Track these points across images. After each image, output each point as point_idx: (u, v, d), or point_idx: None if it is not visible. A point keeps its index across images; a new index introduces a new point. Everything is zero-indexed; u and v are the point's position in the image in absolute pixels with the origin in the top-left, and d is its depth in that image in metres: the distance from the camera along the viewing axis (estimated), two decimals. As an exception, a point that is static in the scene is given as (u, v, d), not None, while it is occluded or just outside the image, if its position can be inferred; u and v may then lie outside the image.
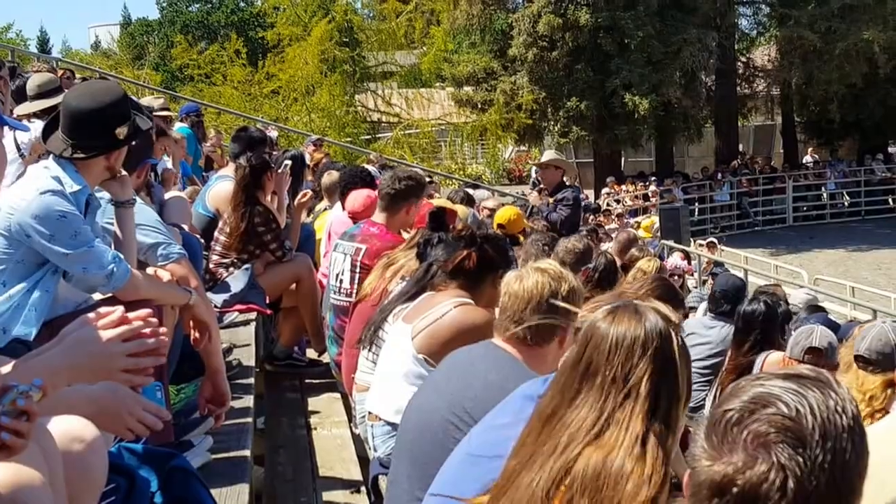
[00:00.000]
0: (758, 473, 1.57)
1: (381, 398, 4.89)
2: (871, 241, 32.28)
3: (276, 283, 7.30)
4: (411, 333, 4.75)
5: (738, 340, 6.76)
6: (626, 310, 2.49)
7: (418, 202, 6.92)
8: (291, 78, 32.17)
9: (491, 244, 5.01)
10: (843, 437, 1.58)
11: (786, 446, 1.56)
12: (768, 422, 1.60)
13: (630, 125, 33.55)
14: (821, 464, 1.55)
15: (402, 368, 4.74)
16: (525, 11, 34.45)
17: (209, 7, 67.81)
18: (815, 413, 1.59)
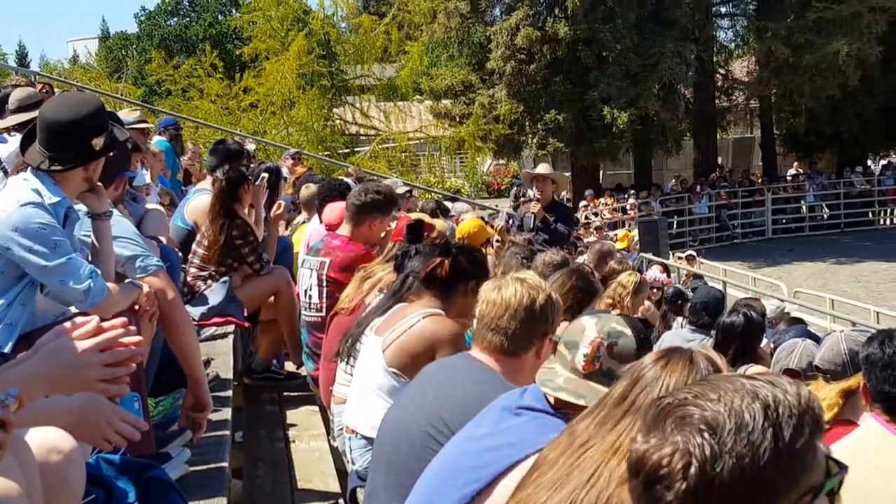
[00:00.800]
0: (664, 454, 1.59)
1: (357, 412, 4.90)
2: (851, 254, 32.43)
3: (254, 295, 7.30)
4: (382, 346, 4.76)
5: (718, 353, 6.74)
6: (680, 357, 2.48)
7: (384, 218, 6.90)
8: (269, 92, 32.13)
9: (465, 254, 5.03)
10: (763, 430, 1.58)
11: (696, 432, 1.58)
12: (691, 406, 1.62)
13: (608, 138, 33.59)
14: (728, 452, 1.55)
15: (374, 382, 4.76)
16: (503, 24, 34.51)
17: (187, 21, 67.79)
18: (735, 403, 1.60)
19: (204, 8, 67.73)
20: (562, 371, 3.10)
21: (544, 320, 3.70)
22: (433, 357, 4.65)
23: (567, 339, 3.16)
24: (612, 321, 3.15)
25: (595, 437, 2.42)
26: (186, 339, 4.52)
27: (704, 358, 2.47)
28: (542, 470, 2.46)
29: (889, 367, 4.26)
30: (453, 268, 4.93)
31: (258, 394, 7.56)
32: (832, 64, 32.88)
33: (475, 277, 4.95)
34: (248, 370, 7.77)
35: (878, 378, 4.30)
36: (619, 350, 3.06)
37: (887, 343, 4.32)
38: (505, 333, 3.70)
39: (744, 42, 41.61)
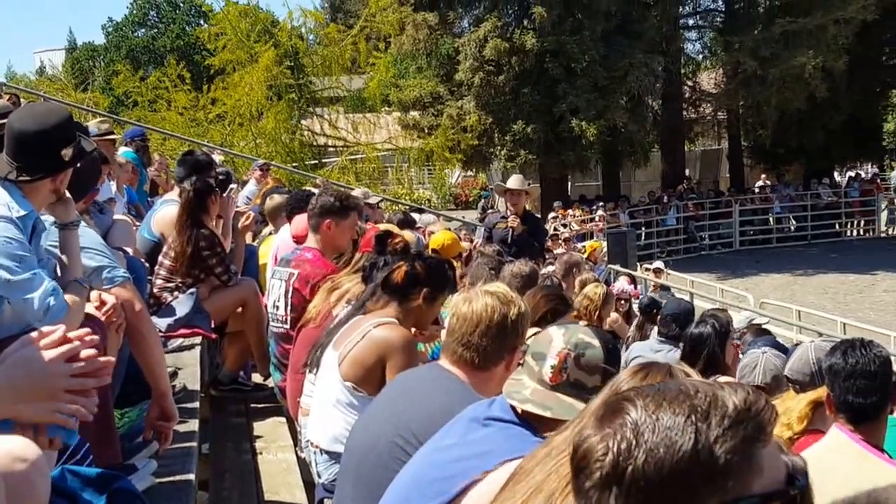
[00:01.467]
0: (591, 445, 1.61)
1: (318, 426, 4.91)
2: (817, 266, 32.65)
3: (222, 307, 7.27)
4: (338, 360, 4.77)
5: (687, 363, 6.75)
6: (659, 371, 2.50)
7: (339, 221, 6.88)
8: (237, 103, 32.03)
9: (423, 261, 5.04)
10: (685, 433, 1.59)
11: (621, 425, 1.60)
12: (628, 403, 1.64)
13: (577, 149, 33.68)
14: (642, 445, 1.57)
15: (333, 396, 4.77)
16: (471, 36, 34.56)
17: (155, 32, 67.61)
18: (667, 402, 1.62)
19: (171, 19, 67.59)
20: (529, 382, 3.10)
21: (515, 334, 3.71)
22: (384, 366, 4.67)
23: (534, 351, 3.15)
24: (580, 332, 3.16)
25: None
26: (152, 351, 4.50)
27: (682, 373, 2.50)
28: (517, 478, 2.47)
29: (852, 377, 4.30)
30: (408, 274, 4.94)
31: (225, 405, 7.53)
32: (799, 76, 33.17)
33: (431, 286, 4.97)
34: (215, 382, 7.73)
35: (841, 388, 4.34)
36: (587, 361, 3.07)
37: (850, 353, 4.36)
38: (476, 349, 3.71)
39: (711, 54, 41.91)
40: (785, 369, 5.24)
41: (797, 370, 5.06)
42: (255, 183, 14.67)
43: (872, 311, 25.03)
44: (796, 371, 5.07)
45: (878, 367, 4.32)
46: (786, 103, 34.29)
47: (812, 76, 32.79)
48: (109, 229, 6.54)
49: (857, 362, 4.31)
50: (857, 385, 4.29)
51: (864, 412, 4.29)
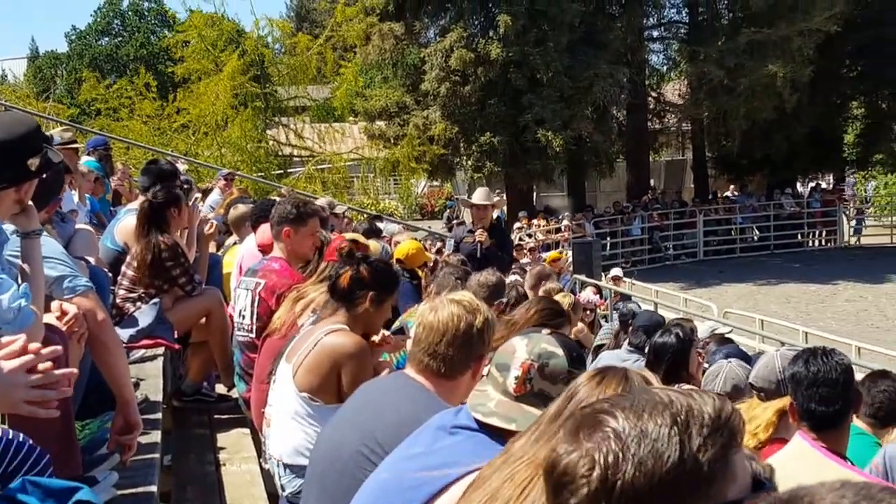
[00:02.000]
0: (572, 461, 1.61)
1: (278, 439, 4.89)
2: (780, 275, 32.86)
3: (185, 317, 7.22)
4: (292, 372, 4.76)
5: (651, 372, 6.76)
6: (614, 375, 2.50)
7: (298, 228, 6.87)
8: (202, 113, 31.91)
9: (368, 265, 5.02)
10: (668, 438, 1.60)
11: (604, 439, 1.60)
12: (606, 415, 1.64)
13: (543, 160, 33.73)
14: (630, 458, 1.57)
15: (290, 408, 4.77)
16: (437, 46, 34.56)
17: (119, 41, 67.26)
18: (646, 413, 1.63)
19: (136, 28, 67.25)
20: (494, 394, 3.08)
21: (481, 343, 3.70)
22: (338, 373, 4.65)
23: (498, 362, 3.13)
24: (543, 341, 3.15)
25: (529, 453, 2.44)
26: (115, 361, 4.45)
27: (638, 376, 2.50)
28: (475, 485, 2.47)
29: (814, 385, 4.33)
30: (353, 279, 4.93)
31: (188, 416, 7.48)
32: (768, 86, 33.40)
33: (377, 289, 4.97)
34: (178, 393, 7.68)
35: (803, 396, 4.37)
36: (551, 371, 3.06)
37: (812, 361, 4.39)
38: (442, 359, 3.69)
39: (675, 65, 42.16)
40: (750, 377, 5.27)
41: (763, 378, 5.08)
42: (219, 192, 14.62)
43: (834, 321, 25.22)
44: (762, 379, 5.09)
45: (840, 375, 4.35)
46: (754, 113, 34.49)
47: (783, 86, 32.99)
48: (71, 239, 6.48)
49: (819, 370, 4.33)
50: (819, 393, 4.31)
51: (826, 420, 4.33)
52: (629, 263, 31.99)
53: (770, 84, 33.23)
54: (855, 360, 12.43)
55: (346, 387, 4.67)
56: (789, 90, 33.54)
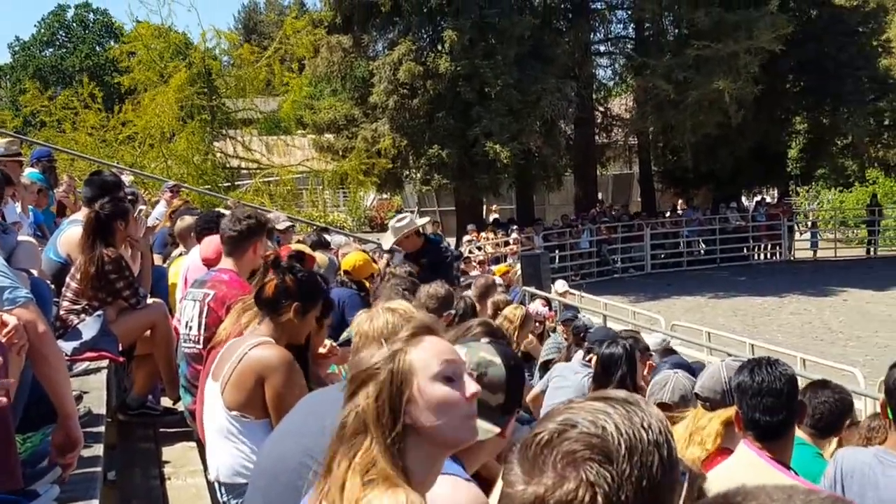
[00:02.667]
0: (567, 491, 1.60)
1: (214, 459, 4.85)
2: (727, 288, 33.11)
3: (130, 329, 7.15)
4: (219, 390, 4.72)
5: (597, 386, 6.79)
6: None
7: (263, 240, 6.85)
8: (148, 124, 31.63)
9: (294, 275, 4.98)
10: (650, 450, 1.62)
11: (593, 463, 1.60)
12: (576, 440, 1.63)
13: (491, 173, 33.82)
14: (628, 477, 1.59)
15: (222, 427, 4.72)
16: (386, 59, 34.60)
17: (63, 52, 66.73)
18: (619, 429, 1.63)
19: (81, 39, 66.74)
20: None
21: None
22: (263, 387, 4.62)
23: None
24: (481, 350, 3.14)
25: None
26: (56, 374, 4.39)
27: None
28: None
29: (759, 394, 4.36)
30: (278, 287, 4.90)
31: (133, 430, 7.40)
32: (715, 101, 33.70)
33: (301, 300, 4.94)
34: (123, 406, 7.60)
35: (748, 406, 4.40)
36: (489, 380, 3.05)
37: (757, 371, 4.42)
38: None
39: (622, 80, 42.45)
40: (696, 387, 5.29)
41: (709, 388, 5.10)
42: (165, 204, 14.52)
43: (780, 333, 25.45)
44: (708, 389, 5.11)
45: (785, 385, 4.38)
46: (700, 127, 34.76)
47: (729, 102, 33.30)
48: (13, 250, 6.40)
49: (763, 380, 4.36)
50: (763, 403, 4.34)
51: (770, 430, 4.36)
52: (578, 276, 32.12)
53: (716, 99, 33.52)
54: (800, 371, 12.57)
55: (270, 401, 4.61)
56: (735, 106, 33.85)
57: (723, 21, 33.69)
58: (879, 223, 41.68)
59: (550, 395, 8.42)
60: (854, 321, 27.48)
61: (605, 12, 39.79)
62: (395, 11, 35.29)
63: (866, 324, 26.98)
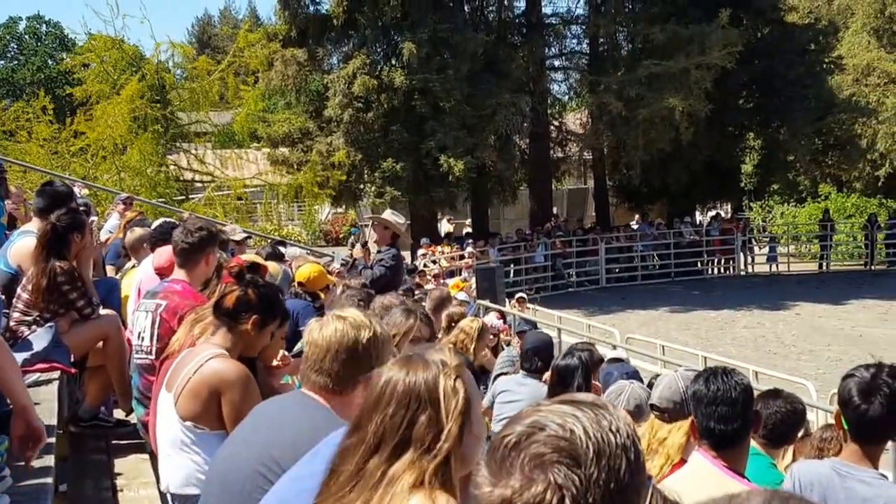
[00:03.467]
0: (535, 494, 1.60)
1: (167, 470, 4.81)
2: (681, 302, 33.28)
3: (82, 341, 7.09)
4: (173, 400, 4.69)
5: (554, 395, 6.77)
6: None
7: (215, 251, 6.83)
8: (100, 136, 31.42)
9: (256, 288, 4.97)
10: (618, 454, 1.62)
11: (561, 466, 1.60)
12: (543, 443, 1.63)
13: (446, 187, 33.85)
14: (595, 480, 1.59)
15: (176, 438, 4.70)
16: (340, 73, 34.56)
17: (15, 64, 66.18)
18: (588, 432, 1.63)
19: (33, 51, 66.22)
20: None
21: (368, 357, 3.65)
22: (219, 400, 4.60)
23: None
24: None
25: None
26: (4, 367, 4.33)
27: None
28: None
29: (714, 403, 4.37)
30: (240, 299, 4.89)
31: (85, 442, 7.33)
32: (665, 118, 33.91)
33: (261, 313, 4.93)
34: (75, 418, 7.52)
35: (703, 415, 4.41)
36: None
37: (712, 380, 4.43)
38: (328, 374, 3.64)
39: (577, 95, 42.64)
40: (653, 398, 5.30)
41: (666, 398, 5.12)
42: (118, 216, 14.40)
43: (733, 347, 25.64)
44: (665, 399, 5.12)
45: (740, 394, 4.40)
46: (652, 144, 34.95)
47: (680, 119, 33.52)
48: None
49: (718, 389, 4.38)
50: (718, 412, 4.36)
51: (725, 438, 4.37)
52: (533, 290, 32.18)
53: (668, 116, 33.74)
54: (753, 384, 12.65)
55: (226, 415, 4.60)
56: (686, 122, 34.10)
57: (676, 36, 33.94)
58: (832, 238, 42.08)
59: (499, 410, 8.44)
60: (806, 335, 27.77)
61: (559, 27, 39.91)
62: (349, 25, 35.32)
63: (818, 338, 27.26)
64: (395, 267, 11.51)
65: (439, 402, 2.55)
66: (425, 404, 2.55)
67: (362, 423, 2.57)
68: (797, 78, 38.21)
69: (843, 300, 32.97)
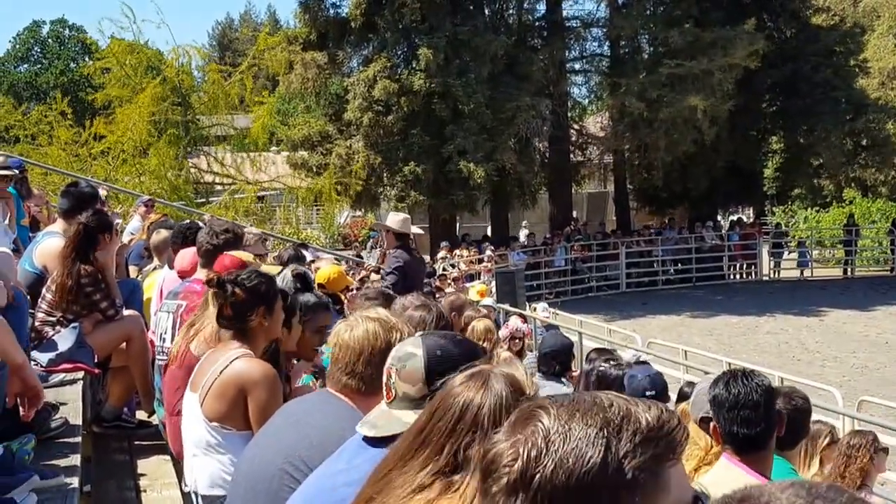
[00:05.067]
0: (500, 450, 1.62)
1: (193, 472, 4.82)
2: (703, 308, 33.01)
3: (106, 341, 7.12)
4: (199, 401, 4.69)
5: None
6: (478, 379, 2.55)
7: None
8: (120, 138, 31.53)
9: (241, 287, 4.96)
10: (593, 441, 1.59)
11: (532, 433, 1.60)
12: (541, 411, 1.64)
13: (466, 190, 33.82)
14: (552, 454, 1.57)
15: (202, 440, 4.69)
16: (360, 76, 34.58)
17: (38, 68, 66.48)
18: (579, 413, 1.62)
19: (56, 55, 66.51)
20: (381, 406, 3.12)
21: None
22: (245, 400, 4.60)
23: None
24: (409, 344, 3.14)
25: (396, 469, 2.54)
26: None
27: (504, 377, 2.53)
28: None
29: (735, 407, 4.33)
30: (234, 305, 4.89)
31: (108, 443, 7.35)
32: (688, 119, 33.77)
33: (262, 302, 4.94)
34: (98, 418, 7.54)
35: (725, 419, 4.37)
36: (408, 373, 3.04)
37: (732, 384, 4.38)
38: (360, 378, 3.64)
39: (597, 98, 42.50)
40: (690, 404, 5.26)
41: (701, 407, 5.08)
42: (140, 219, 14.46)
43: (756, 353, 25.40)
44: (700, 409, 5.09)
45: (762, 396, 4.35)
46: (674, 146, 34.81)
47: (702, 120, 33.39)
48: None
49: (739, 392, 4.33)
50: (741, 416, 4.31)
51: (749, 442, 4.33)
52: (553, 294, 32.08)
53: (689, 118, 33.59)
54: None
55: (252, 415, 4.59)
56: (708, 124, 33.95)
57: (698, 40, 33.81)
58: (856, 243, 41.59)
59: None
60: (831, 341, 27.51)
61: (580, 30, 39.69)
62: (369, 28, 35.35)
63: (843, 344, 27.00)
64: (403, 267, 11.48)
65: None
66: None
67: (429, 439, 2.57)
68: (825, 80, 37.82)
69: (869, 306, 32.61)
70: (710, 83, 33.47)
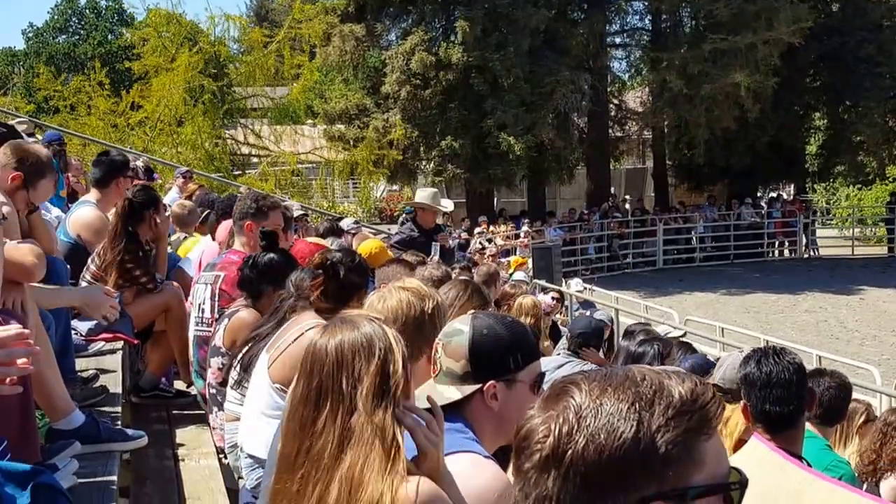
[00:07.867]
0: (534, 426, 1.63)
1: (246, 431, 4.87)
2: (740, 285, 32.89)
3: (145, 312, 7.18)
4: (268, 363, 4.75)
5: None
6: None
7: (269, 222, 6.93)
8: (156, 107, 31.59)
9: (345, 267, 5.01)
10: (625, 415, 1.60)
11: (564, 408, 1.62)
12: (573, 386, 1.66)
13: (504, 165, 33.74)
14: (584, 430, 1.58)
15: (262, 401, 4.73)
16: (398, 49, 34.55)
17: (76, 39, 66.69)
18: (611, 388, 1.63)
19: (94, 26, 66.69)
20: (430, 381, 3.15)
21: (432, 327, 3.66)
22: None
23: None
24: (458, 321, 3.17)
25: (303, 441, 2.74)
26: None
27: (369, 320, 2.82)
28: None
29: (767, 386, 4.30)
30: (344, 285, 4.93)
31: (146, 412, 7.41)
32: (729, 95, 33.47)
33: (364, 288, 4.99)
34: (137, 388, 7.62)
35: (757, 398, 4.33)
36: (452, 348, 3.07)
37: (763, 362, 4.35)
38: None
39: (637, 73, 42.17)
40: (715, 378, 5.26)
41: (730, 379, 5.07)
42: (178, 190, 14.57)
43: (794, 331, 25.25)
44: (729, 380, 5.09)
45: (793, 374, 4.33)
46: (715, 122, 34.52)
47: (745, 96, 33.06)
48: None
49: (771, 371, 4.30)
50: (772, 394, 4.28)
51: (781, 421, 4.31)
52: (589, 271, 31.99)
53: (731, 94, 33.29)
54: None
55: None
56: (751, 100, 33.62)
57: (742, 11, 33.38)
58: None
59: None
60: (870, 320, 27.34)
61: (621, 3, 39.39)
62: (408, 0, 35.25)
63: (883, 323, 26.82)
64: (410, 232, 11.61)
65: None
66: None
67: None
68: (868, 56, 37.24)
69: (910, 285, 32.27)
70: (753, 58, 33.12)
